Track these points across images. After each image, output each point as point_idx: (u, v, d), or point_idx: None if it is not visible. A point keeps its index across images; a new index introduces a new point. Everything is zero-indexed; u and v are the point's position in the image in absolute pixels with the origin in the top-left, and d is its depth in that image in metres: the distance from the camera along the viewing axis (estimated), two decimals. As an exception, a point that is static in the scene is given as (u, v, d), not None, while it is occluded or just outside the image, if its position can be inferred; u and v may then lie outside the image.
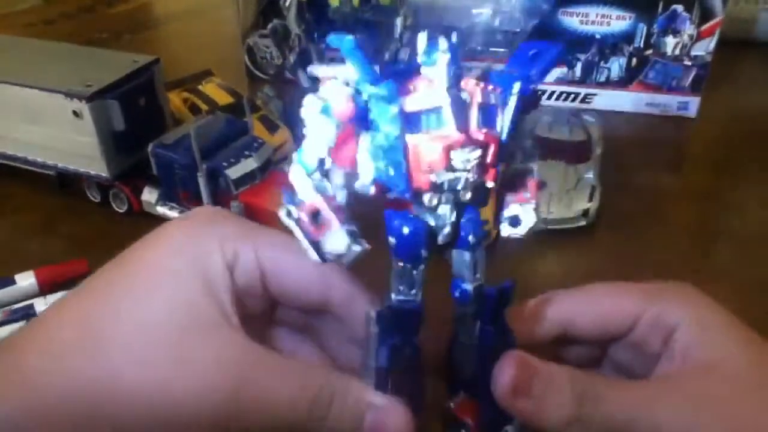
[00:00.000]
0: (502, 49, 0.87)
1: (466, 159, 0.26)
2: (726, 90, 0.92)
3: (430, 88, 0.27)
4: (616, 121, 0.85)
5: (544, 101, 0.90)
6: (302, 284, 0.31)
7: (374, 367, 0.29)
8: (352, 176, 0.28)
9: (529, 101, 0.29)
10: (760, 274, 0.61)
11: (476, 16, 0.87)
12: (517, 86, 0.28)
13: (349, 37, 0.27)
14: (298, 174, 0.28)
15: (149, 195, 0.67)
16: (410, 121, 0.27)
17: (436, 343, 0.31)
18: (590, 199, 0.66)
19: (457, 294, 0.29)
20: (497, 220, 0.31)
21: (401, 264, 0.28)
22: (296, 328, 0.35)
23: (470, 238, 0.28)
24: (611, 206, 0.67)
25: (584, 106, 0.89)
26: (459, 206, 0.28)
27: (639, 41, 0.85)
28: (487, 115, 0.28)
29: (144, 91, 0.67)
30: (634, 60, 0.86)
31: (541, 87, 0.90)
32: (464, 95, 0.27)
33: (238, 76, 0.92)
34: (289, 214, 0.28)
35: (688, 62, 0.85)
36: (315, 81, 0.28)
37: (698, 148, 0.86)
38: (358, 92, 0.27)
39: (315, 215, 0.28)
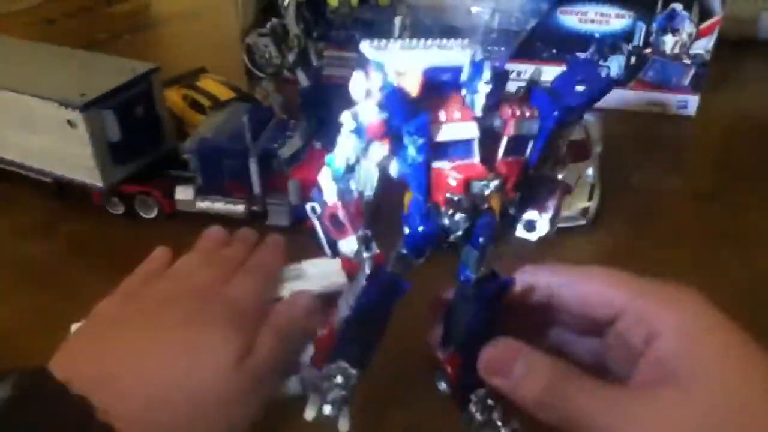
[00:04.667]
0: (501, 48, 0.87)
1: (484, 186, 0.29)
2: (725, 89, 0.92)
3: (462, 116, 0.29)
4: (616, 119, 0.85)
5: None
6: None
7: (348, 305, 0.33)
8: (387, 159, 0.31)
9: (567, 117, 0.30)
10: (761, 273, 0.61)
11: (475, 15, 0.86)
12: (555, 114, 0.30)
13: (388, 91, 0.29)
14: (326, 176, 0.32)
15: (184, 193, 0.67)
16: (437, 150, 0.29)
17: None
18: (590, 198, 0.66)
19: (461, 278, 0.32)
20: (511, 218, 0.33)
21: (404, 252, 0.31)
22: None
23: (481, 239, 0.30)
24: (611, 205, 0.67)
25: (584, 104, 0.89)
26: (476, 211, 0.30)
27: (638, 40, 0.85)
28: (518, 142, 0.30)
29: (141, 101, 0.66)
30: (634, 59, 0.86)
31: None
32: (497, 123, 0.29)
33: (237, 75, 0.92)
34: (313, 210, 0.33)
35: (687, 61, 0.85)
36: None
37: (698, 147, 0.86)
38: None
39: (335, 218, 0.31)
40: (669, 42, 0.84)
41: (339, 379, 0.31)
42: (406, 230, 0.31)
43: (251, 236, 0.48)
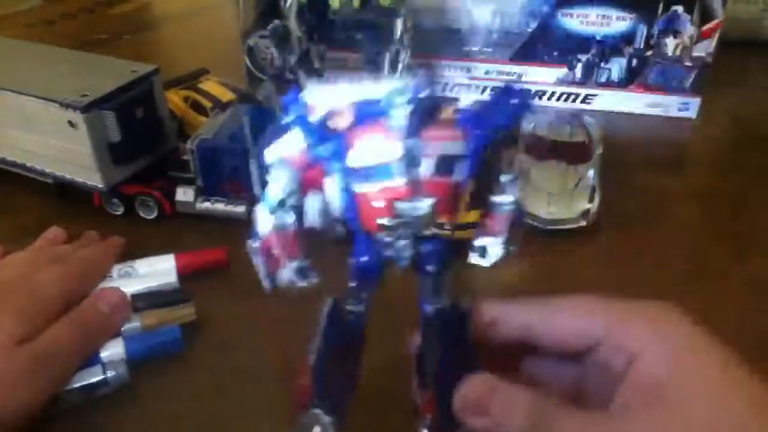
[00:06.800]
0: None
1: (412, 208, 0.29)
2: (727, 91, 0.92)
3: (381, 141, 0.29)
4: (617, 121, 0.85)
5: (545, 102, 0.90)
6: None
7: (316, 347, 0.32)
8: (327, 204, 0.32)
9: (500, 140, 0.31)
10: (760, 274, 0.61)
11: (476, 17, 0.86)
12: (478, 134, 0.30)
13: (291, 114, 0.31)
14: (262, 211, 0.32)
15: (184, 195, 0.67)
16: (359, 173, 0.30)
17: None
18: (590, 200, 0.66)
19: (422, 312, 0.32)
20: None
21: (353, 285, 0.32)
22: None
23: (429, 268, 0.31)
24: (611, 207, 0.67)
25: (585, 106, 0.89)
26: (418, 239, 0.30)
27: (639, 42, 0.85)
28: (445, 163, 0.30)
29: (142, 102, 0.66)
30: (635, 61, 0.86)
31: (541, 88, 0.90)
32: (420, 145, 0.29)
33: (238, 77, 0.92)
34: (251, 244, 0.33)
35: (688, 63, 0.85)
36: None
37: (699, 149, 0.86)
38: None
39: (269, 250, 0.32)
40: (670, 44, 0.84)
41: (316, 430, 0.30)
42: (352, 262, 0.31)
43: (93, 237, 0.53)
